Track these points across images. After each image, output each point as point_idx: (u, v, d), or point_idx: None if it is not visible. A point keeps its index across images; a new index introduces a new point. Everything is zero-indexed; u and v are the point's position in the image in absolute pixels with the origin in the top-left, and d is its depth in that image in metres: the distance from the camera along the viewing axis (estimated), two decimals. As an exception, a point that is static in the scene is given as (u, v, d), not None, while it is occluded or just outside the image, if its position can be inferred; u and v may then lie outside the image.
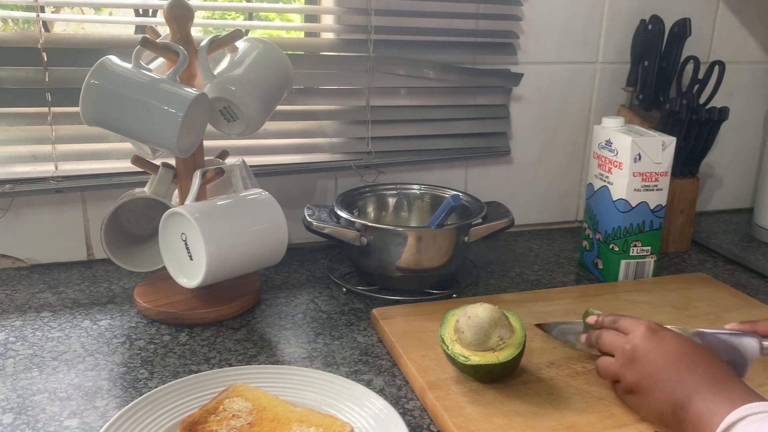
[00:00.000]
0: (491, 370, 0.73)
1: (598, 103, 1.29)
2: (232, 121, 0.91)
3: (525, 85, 1.22)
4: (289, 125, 1.11)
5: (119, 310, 0.93)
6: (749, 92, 1.38)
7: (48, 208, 1.04)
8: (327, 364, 0.82)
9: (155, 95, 0.82)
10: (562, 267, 1.14)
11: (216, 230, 0.85)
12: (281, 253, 0.93)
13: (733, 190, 1.44)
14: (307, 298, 0.99)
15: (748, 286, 1.08)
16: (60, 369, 0.79)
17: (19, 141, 1.00)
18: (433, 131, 1.19)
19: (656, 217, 1.03)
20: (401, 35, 1.13)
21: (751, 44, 1.35)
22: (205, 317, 0.90)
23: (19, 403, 0.72)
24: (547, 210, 1.32)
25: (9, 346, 0.83)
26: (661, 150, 1.00)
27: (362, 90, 1.13)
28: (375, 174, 1.17)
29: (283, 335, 0.89)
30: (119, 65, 0.84)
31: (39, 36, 0.96)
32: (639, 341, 0.69)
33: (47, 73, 0.97)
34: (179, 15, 0.88)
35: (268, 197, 0.93)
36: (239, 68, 0.90)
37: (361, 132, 1.14)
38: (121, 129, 0.85)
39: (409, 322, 0.88)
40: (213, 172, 0.94)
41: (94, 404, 0.73)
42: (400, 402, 0.75)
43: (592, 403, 0.73)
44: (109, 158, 1.03)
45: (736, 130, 1.37)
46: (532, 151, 1.27)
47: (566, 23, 1.22)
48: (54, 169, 1.00)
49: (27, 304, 0.94)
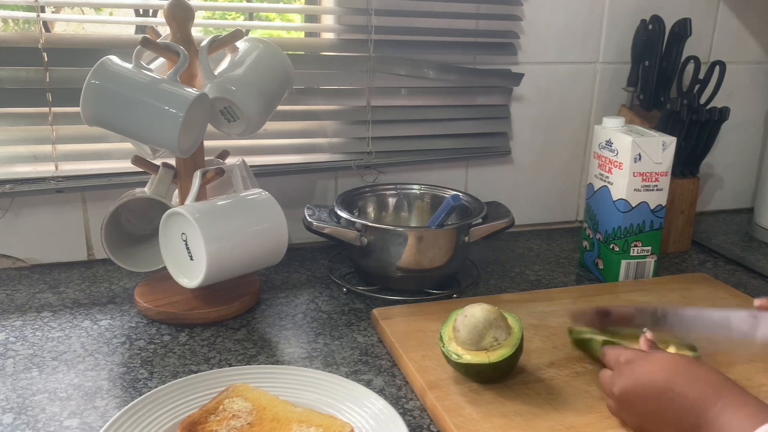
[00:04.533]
0: (481, 369, 0.73)
1: (599, 103, 1.29)
2: (232, 121, 0.91)
3: (525, 85, 1.22)
4: (290, 125, 1.11)
5: (119, 310, 0.93)
6: (750, 92, 1.38)
7: (48, 208, 1.04)
8: (327, 364, 0.82)
9: (156, 95, 0.82)
10: (562, 267, 1.14)
11: (216, 230, 0.85)
12: (281, 253, 0.93)
13: (733, 190, 1.44)
14: (308, 298, 0.99)
15: (748, 286, 1.08)
16: (60, 369, 0.79)
17: (20, 141, 1.00)
18: (433, 131, 1.19)
19: (656, 217, 1.03)
20: (401, 35, 1.13)
21: (751, 44, 1.35)
22: (205, 317, 0.90)
23: (19, 403, 0.72)
24: (548, 210, 1.32)
25: (9, 346, 0.84)
26: (662, 150, 1.00)
27: (362, 90, 1.13)
28: (375, 174, 1.17)
29: (283, 335, 0.89)
30: (120, 65, 0.84)
31: (39, 36, 0.96)
32: (620, 385, 0.67)
33: (48, 73, 0.97)
34: (179, 15, 0.88)
35: (269, 197, 0.93)
36: (240, 68, 0.90)
37: (362, 132, 1.14)
38: (121, 129, 0.85)
39: (409, 322, 0.88)
40: (213, 172, 0.94)
41: (93, 404, 0.73)
42: (400, 402, 0.75)
43: (592, 403, 0.73)
44: (110, 158, 1.03)
45: (736, 130, 1.37)
46: (532, 151, 1.27)
47: (567, 23, 1.22)
48: (54, 169, 1.00)
49: (27, 304, 0.94)
